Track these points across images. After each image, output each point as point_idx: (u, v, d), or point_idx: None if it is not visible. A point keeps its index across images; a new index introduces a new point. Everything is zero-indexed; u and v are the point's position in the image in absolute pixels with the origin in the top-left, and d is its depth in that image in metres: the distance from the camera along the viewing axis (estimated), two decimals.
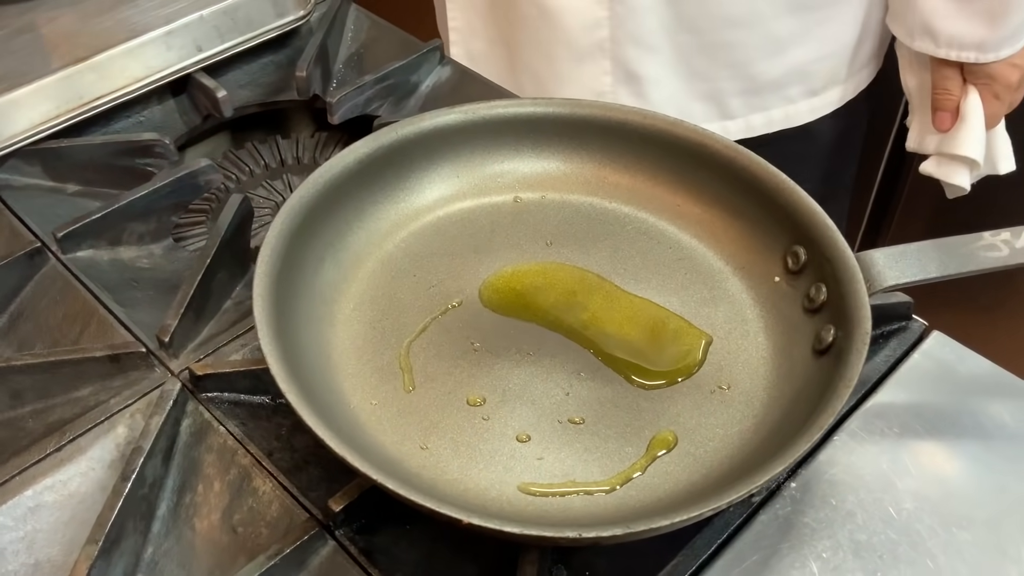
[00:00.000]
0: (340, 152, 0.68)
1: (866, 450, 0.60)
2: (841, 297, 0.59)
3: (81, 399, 0.63)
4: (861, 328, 0.56)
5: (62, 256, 0.72)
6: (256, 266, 0.59)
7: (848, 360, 0.55)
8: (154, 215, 0.76)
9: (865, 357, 0.54)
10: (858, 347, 0.55)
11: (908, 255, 0.60)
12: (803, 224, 0.63)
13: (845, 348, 0.56)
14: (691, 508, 0.48)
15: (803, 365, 0.60)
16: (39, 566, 0.56)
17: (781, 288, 0.65)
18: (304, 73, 0.86)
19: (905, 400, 0.63)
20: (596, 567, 0.55)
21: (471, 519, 0.47)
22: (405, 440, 0.57)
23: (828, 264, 0.61)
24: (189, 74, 0.86)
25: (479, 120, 0.72)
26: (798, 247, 0.64)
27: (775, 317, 0.64)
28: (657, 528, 0.48)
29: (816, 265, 0.62)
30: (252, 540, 0.56)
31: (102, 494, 0.58)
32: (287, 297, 0.60)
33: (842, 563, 0.54)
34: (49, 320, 0.69)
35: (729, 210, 0.68)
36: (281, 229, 0.61)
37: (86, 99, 0.81)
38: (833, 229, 0.61)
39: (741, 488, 0.49)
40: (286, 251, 0.61)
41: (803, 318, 0.62)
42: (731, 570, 0.54)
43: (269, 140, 0.92)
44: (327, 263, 0.65)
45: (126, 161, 0.80)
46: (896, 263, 0.59)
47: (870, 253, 0.60)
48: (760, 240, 0.66)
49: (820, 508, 0.57)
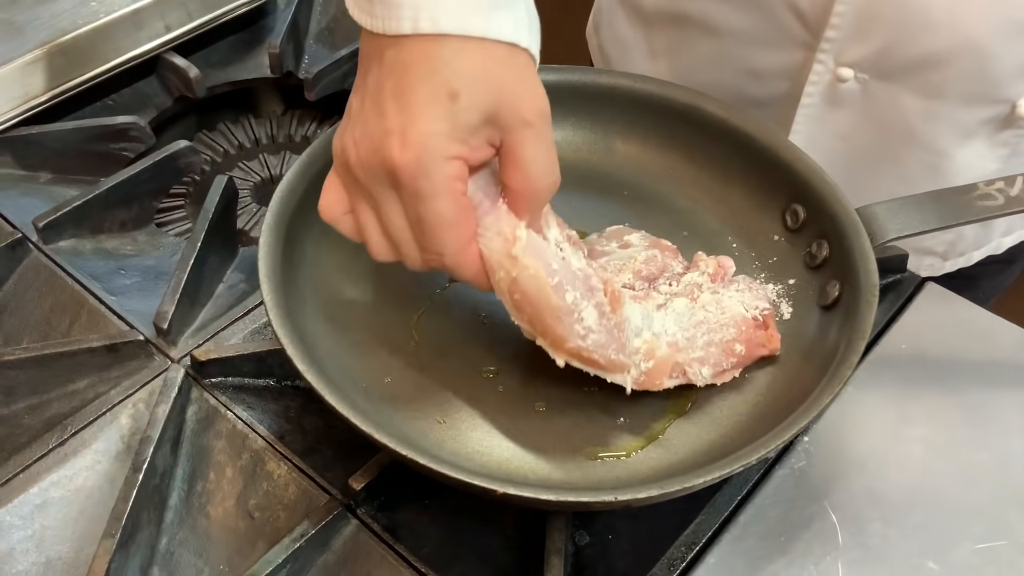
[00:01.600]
0: (330, 129, 0.66)
1: (873, 401, 0.61)
2: (845, 252, 0.59)
3: (78, 392, 0.62)
4: (869, 281, 0.56)
5: (44, 247, 0.69)
6: (259, 249, 0.57)
7: (859, 312, 0.55)
8: (135, 201, 0.74)
9: (875, 308, 0.55)
10: (868, 299, 0.56)
11: (908, 207, 0.60)
12: (801, 182, 0.64)
13: (854, 301, 0.56)
14: (721, 465, 0.48)
15: (810, 321, 0.61)
16: (50, 564, 0.54)
17: (782, 246, 0.65)
18: (277, 50, 0.84)
19: (906, 350, 0.64)
20: (618, 530, 0.56)
21: (506, 489, 0.47)
22: (422, 415, 0.57)
23: (829, 220, 0.61)
24: (159, 55, 0.84)
25: None
26: (796, 205, 0.64)
27: (778, 274, 0.64)
28: (690, 487, 0.48)
29: (816, 222, 0.63)
30: (270, 524, 0.55)
31: (110, 487, 0.57)
32: (291, 280, 0.59)
33: (860, 512, 0.55)
34: (36, 313, 0.66)
35: (725, 171, 0.68)
36: (279, 211, 0.60)
37: (55, 84, 0.79)
38: (833, 185, 0.62)
39: (770, 442, 0.49)
40: (286, 233, 0.60)
41: (806, 275, 0.63)
42: (753, 525, 0.55)
43: (241, 120, 0.90)
44: (325, 243, 0.64)
45: (100, 146, 0.78)
46: (896, 216, 0.60)
47: (870, 207, 0.61)
48: (758, 199, 0.67)
49: (833, 460, 0.58)
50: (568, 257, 0.54)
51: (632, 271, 0.60)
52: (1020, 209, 0.59)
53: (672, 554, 0.53)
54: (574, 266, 0.54)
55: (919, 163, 0.76)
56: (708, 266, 0.61)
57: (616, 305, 0.54)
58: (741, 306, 0.59)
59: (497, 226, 0.52)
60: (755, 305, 0.59)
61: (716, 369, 0.57)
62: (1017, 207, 0.59)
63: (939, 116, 0.72)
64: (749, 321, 0.58)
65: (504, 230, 0.52)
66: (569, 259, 0.54)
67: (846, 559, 0.53)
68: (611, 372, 0.54)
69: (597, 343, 0.53)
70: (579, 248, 0.56)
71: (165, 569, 0.54)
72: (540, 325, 0.53)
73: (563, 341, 0.53)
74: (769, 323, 0.59)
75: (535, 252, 0.52)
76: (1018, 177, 0.60)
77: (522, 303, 0.53)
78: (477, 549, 0.54)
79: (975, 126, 0.73)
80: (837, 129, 0.77)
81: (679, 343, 0.56)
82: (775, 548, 0.54)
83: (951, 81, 0.69)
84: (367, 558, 0.54)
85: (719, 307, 0.58)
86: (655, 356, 0.55)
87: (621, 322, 0.54)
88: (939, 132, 0.73)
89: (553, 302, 0.52)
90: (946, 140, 0.74)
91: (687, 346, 0.56)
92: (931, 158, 0.75)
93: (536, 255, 0.52)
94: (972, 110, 0.71)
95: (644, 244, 0.63)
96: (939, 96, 0.71)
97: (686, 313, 0.58)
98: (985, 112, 0.72)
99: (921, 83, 0.70)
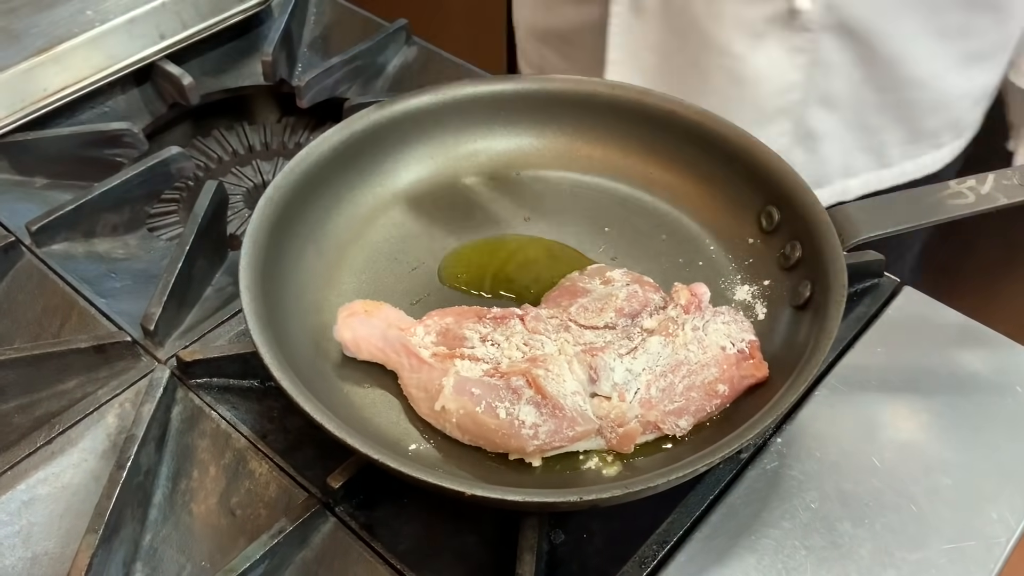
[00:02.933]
0: (313, 141, 0.68)
1: (847, 403, 0.62)
2: (816, 253, 0.60)
3: (67, 391, 0.63)
4: (837, 282, 0.57)
5: (37, 250, 0.71)
6: (240, 259, 0.59)
7: (827, 313, 0.56)
8: (127, 205, 0.75)
9: (843, 310, 0.56)
10: (836, 300, 0.56)
11: (879, 207, 0.61)
12: (775, 184, 0.65)
13: (823, 302, 0.57)
14: (686, 465, 0.49)
15: (783, 321, 0.62)
16: (37, 559, 0.55)
17: (757, 248, 0.66)
18: (270, 58, 0.86)
19: (881, 354, 0.65)
20: (592, 529, 0.56)
21: (474, 491, 0.48)
22: (401, 419, 0.58)
23: (802, 221, 0.62)
24: (153, 62, 0.86)
25: (450, 100, 0.72)
26: (771, 207, 0.65)
27: (753, 276, 0.65)
28: (654, 487, 0.49)
29: (790, 223, 0.64)
30: (252, 521, 0.57)
31: (96, 484, 0.58)
32: (273, 288, 0.60)
33: (830, 512, 0.56)
34: (27, 314, 0.68)
35: (701, 175, 0.70)
36: (261, 220, 0.61)
37: (50, 91, 0.80)
38: (805, 187, 0.63)
39: (733, 443, 0.50)
40: (268, 242, 0.61)
41: (780, 275, 0.64)
42: (724, 524, 0.56)
43: (236, 127, 0.91)
44: (309, 252, 0.65)
45: (94, 152, 0.80)
46: (869, 216, 0.61)
47: (842, 208, 0.62)
48: (734, 202, 0.68)
49: (806, 461, 0.59)
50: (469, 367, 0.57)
51: (614, 309, 0.61)
52: (991, 207, 0.59)
53: (644, 552, 0.54)
54: (483, 376, 0.56)
55: (721, 71, 0.81)
56: (681, 297, 0.61)
57: (542, 389, 0.55)
58: (727, 339, 0.59)
59: (420, 384, 0.57)
60: (741, 338, 0.59)
61: (698, 416, 0.57)
62: (988, 204, 0.60)
63: (723, 14, 0.78)
64: (732, 358, 0.58)
65: (429, 386, 0.57)
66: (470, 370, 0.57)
67: (815, 558, 0.54)
68: (583, 440, 0.55)
69: (552, 432, 0.54)
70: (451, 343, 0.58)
71: (148, 564, 0.55)
72: (497, 446, 0.55)
73: (522, 449, 0.55)
74: (755, 353, 0.59)
75: (457, 392, 0.55)
76: (989, 175, 0.60)
77: (473, 438, 0.56)
78: (453, 547, 0.55)
79: (761, 25, 0.78)
80: (645, 39, 0.83)
81: (652, 399, 0.56)
82: (745, 546, 0.55)
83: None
84: (345, 555, 0.55)
85: (700, 346, 0.58)
86: (625, 421, 0.56)
87: (558, 401, 0.55)
88: (729, 33, 0.79)
89: (492, 426, 0.54)
90: (738, 41, 0.78)
91: (662, 398, 0.56)
92: (729, 62, 0.81)
93: (457, 394, 0.55)
94: (751, 6, 0.77)
95: (625, 280, 0.63)
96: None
97: (662, 353, 0.58)
98: (764, 7, 0.77)
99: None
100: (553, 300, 0.63)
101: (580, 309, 0.61)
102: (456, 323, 0.60)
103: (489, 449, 0.56)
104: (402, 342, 0.59)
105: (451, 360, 0.57)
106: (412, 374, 0.58)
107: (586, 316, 0.61)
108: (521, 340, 0.58)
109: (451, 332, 0.59)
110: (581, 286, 0.64)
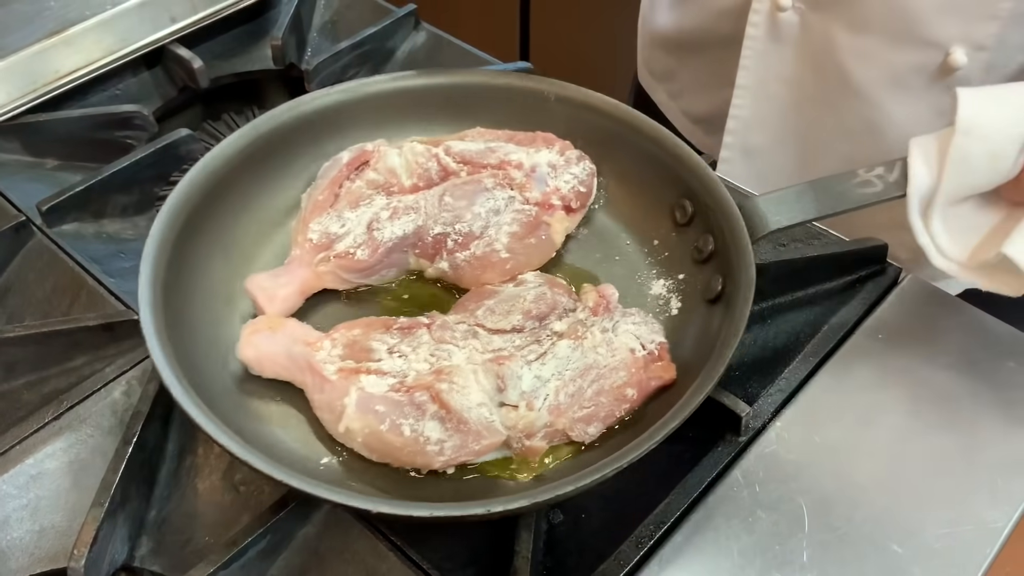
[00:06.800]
0: (219, 144, 0.65)
1: (847, 388, 0.62)
2: (726, 246, 0.60)
3: (75, 369, 0.64)
4: (746, 275, 0.57)
5: (47, 230, 0.72)
6: (140, 270, 0.57)
7: (735, 308, 0.56)
8: (136, 186, 0.76)
9: (751, 303, 0.55)
10: (744, 295, 0.56)
11: (787, 199, 0.60)
12: (686, 177, 0.64)
13: (733, 296, 0.57)
14: (595, 471, 0.49)
15: (697, 314, 0.61)
16: (44, 532, 0.56)
17: (672, 241, 0.66)
18: (279, 42, 0.86)
19: (882, 340, 0.65)
20: (590, 509, 0.57)
21: (380, 508, 0.48)
22: (311, 433, 0.57)
23: (713, 214, 0.62)
24: (164, 45, 0.86)
25: (362, 97, 0.70)
26: (685, 200, 0.65)
27: (668, 270, 0.65)
28: (563, 494, 0.48)
29: (703, 216, 0.63)
30: (255, 497, 0.57)
31: (102, 460, 0.59)
32: (177, 299, 0.58)
33: (827, 495, 0.57)
34: (37, 293, 0.69)
35: (616, 169, 0.69)
36: (164, 229, 0.59)
37: (62, 73, 0.81)
38: (715, 179, 0.63)
39: (642, 445, 0.49)
40: (171, 251, 0.59)
41: (694, 269, 0.64)
42: (722, 506, 0.56)
43: (245, 111, 0.92)
44: (216, 260, 0.63)
45: (105, 134, 0.80)
46: (778, 207, 0.60)
47: (752, 200, 0.61)
48: (647, 196, 0.68)
49: (804, 445, 0.59)
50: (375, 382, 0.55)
51: (521, 311, 0.60)
52: (899, 195, 0.58)
53: (640, 532, 0.55)
54: (386, 392, 0.55)
55: (857, 116, 0.76)
56: (589, 299, 0.61)
57: (446, 404, 0.54)
58: (637, 341, 0.58)
59: (327, 403, 0.55)
60: (651, 339, 0.59)
61: (607, 422, 0.56)
62: (896, 193, 0.58)
63: (868, 55, 0.72)
64: (640, 361, 0.57)
65: (333, 406, 0.55)
66: (376, 385, 0.55)
67: (812, 541, 0.55)
68: (490, 452, 0.55)
69: (458, 447, 0.54)
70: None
71: (153, 538, 0.56)
72: (404, 463, 0.55)
73: (428, 465, 0.54)
74: (664, 355, 0.58)
75: (360, 411, 0.54)
76: (897, 162, 0.59)
77: (380, 456, 0.55)
78: (452, 524, 0.56)
79: (907, 73, 0.72)
80: (781, 68, 0.78)
81: (560, 405, 0.56)
82: (742, 528, 0.55)
83: (875, 12, 0.70)
84: (346, 532, 0.55)
85: (609, 348, 0.58)
86: (534, 431, 0.55)
87: (462, 415, 0.54)
88: (871, 77, 0.73)
89: (398, 444, 0.54)
90: (879, 88, 0.73)
91: (571, 404, 0.56)
92: (867, 110, 0.75)
93: (361, 413, 0.54)
94: (900, 51, 0.71)
95: (537, 282, 0.63)
96: (865, 30, 0.71)
97: (571, 357, 0.57)
98: (914, 55, 0.71)
99: (849, 15, 0.71)
100: (462, 306, 0.62)
101: (487, 312, 0.60)
102: (363, 335, 0.58)
103: (397, 466, 0.55)
104: (307, 359, 0.57)
105: (356, 376, 0.55)
106: (316, 394, 0.56)
107: (492, 319, 0.60)
108: (428, 351, 0.57)
109: (358, 344, 0.58)
110: (491, 288, 0.63)
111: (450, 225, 0.64)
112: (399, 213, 0.64)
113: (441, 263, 0.65)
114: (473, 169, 0.67)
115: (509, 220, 0.65)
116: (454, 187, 0.66)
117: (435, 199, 0.65)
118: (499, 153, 0.67)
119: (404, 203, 0.65)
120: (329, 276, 0.64)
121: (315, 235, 0.63)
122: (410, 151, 0.67)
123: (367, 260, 0.63)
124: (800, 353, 0.64)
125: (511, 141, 0.69)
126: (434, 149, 0.67)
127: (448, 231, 0.64)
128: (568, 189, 0.66)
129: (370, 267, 0.64)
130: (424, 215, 0.65)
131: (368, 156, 0.67)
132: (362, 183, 0.66)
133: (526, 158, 0.67)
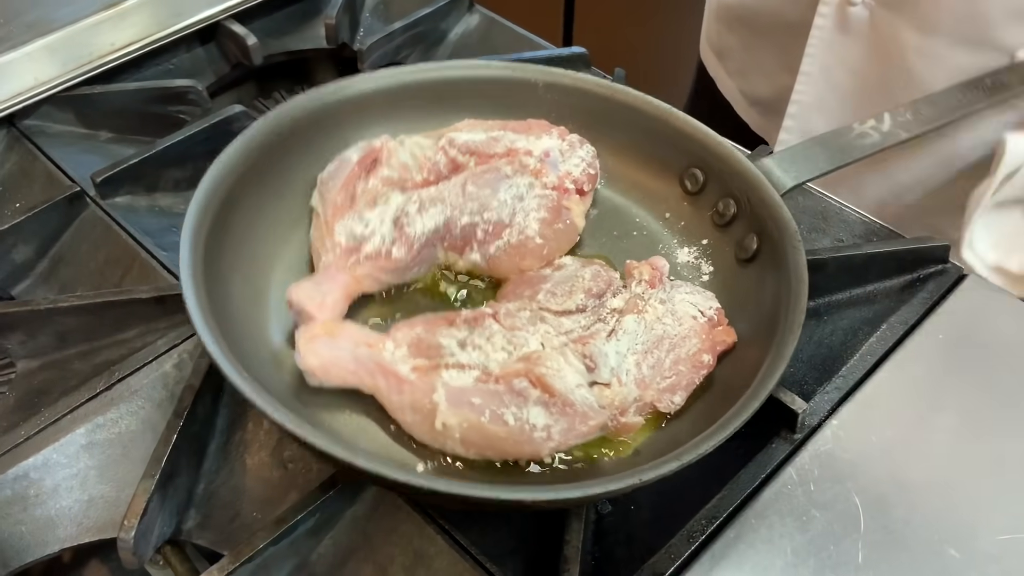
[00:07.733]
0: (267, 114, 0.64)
1: (904, 388, 0.61)
2: (756, 205, 0.61)
3: (127, 340, 0.64)
4: (789, 228, 0.58)
5: (101, 201, 0.72)
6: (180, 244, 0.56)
7: (787, 262, 0.57)
8: (190, 161, 0.76)
9: (803, 252, 0.57)
10: (793, 245, 0.57)
11: (797, 156, 0.64)
12: (695, 147, 0.66)
13: (779, 250, 0.58)
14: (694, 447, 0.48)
15: (731, 275, 0.63)
16: (93, 502, 0.57)
17: (687, 210, 0.67)
18: (333, 21, 0.86)
19: (942, 340, 0.64)
20: (640, 501, 0.56)
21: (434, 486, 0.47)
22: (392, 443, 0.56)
23: (731, 178, 0.63)
24: (218, 21, 0.86)
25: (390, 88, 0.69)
26: (694, 169, 0.66)
27: (689, 237, 0.66)
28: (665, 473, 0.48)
29: (717, 181, 0.65)
30: (303, 475, 0.57)
31: (152, 432, 0.59)
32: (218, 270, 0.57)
33: (883, 496, 0.56)
34: (90, 264, 0.69)
35: (617, 147, 0.70)
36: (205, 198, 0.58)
37: (117, 46, 0.81)
38: (728, 146, 0.64)
39: (742, 414, 0.49)
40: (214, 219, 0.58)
41: (717, 233, 0.65)
42: (775, 503, 0.55)
43: (296, 89, 0.92)
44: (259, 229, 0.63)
45: (158, 108, 0.80)
46: (790, 165, 0.63)
47: (762, 162, 0.63)
48: (651, 170, 0.69)
49: (860, 444, 0.58)
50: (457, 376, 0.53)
51: (583, 290, 0.60)
52: (897, 142, 0.62)
53: (692, 527, 0.54)
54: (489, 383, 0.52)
55: None
56: (643, 273, 0.60)
57: (549, 388, 0.52)
58: (695, 308, 0.58)
59: (411, 403, 0.53)
60: (708, 305, 0.59)
61: (688, 389, 0.56)
62: (893, 140, 0.63)
63: (935, 55, 0.73)
64: (706, 326, 0.58)
65: (419, 405, 0.53)
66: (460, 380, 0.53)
67: (867, 541, 0.54)
68: (595, 433, 0.54)
69: (565, 431, 0.52)
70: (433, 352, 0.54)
71: (200, 512, 0.56)
72: (507, 454, 0.52)
73: (536, 454, 0.52)
74: (722, 319, 0.59)
75: (454, 405, 0.51)
76: (885, 115, 0.64)
77: (480, 450, 0.52)
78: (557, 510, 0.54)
79: (971, 74, 0.73)
80: (846, 58, 0.79)
81: (645, 378, 0.55)
82: (796, 527, 0.54)
83: (944, 14, 0.70)
84: (394, 514, 0.55)
85: (675, 318, 0.57)
86: (626, 406, 0.54)
87: (567, 397, 0.52)
88: (935, 75, 0.74)
89: (502, 434, 0.51)
90: (942, 87, 0.73)
91: (653, 375, 0.55)
92: None
93: (455, 407, 0.51)
94: (967, 53, 0.72)
95: (577, 264, 0.63)
96: (934, 30, 0.72)
97: (639, 331, 0.57)
98: (980, 58, 0.72)
99: (918, 15, 0.71)
100: (513, 294, 0.61)
101: (547, 295, 0.59)
102: (427, 332, 0.56)
103: (497, 459, 0.53)
104: (376, 361, 0.54)
105: (436, 372, 0.53)
106: (395, 396, 0.53)
107: (556, 302, 0.59)
108: (502, 340, 0.55)
109: (424, 342, 0.55)
110: (535, 274, 0.63)
111: (478, 214, 0.63)
112: (426, 206, 0.63)
113: (472, 255, 0.63)
114: (481, 159, 0.66)
115: (535, 206, 0.64)
116: (474, 176, 0.65)
117: (458, 189, 0.64)
118: (504, 141, 0.67)
119: (428, 196, 0.64)
120: (367, 279, 0.62)
121: (343, 238, 0.62)
122: (417, 145, 0.66)
123: (404, 258, 0.62)
124: (858, 351, 0.63)
125: (506, 130, 0.68)
126: (440, 141, 0.66)
127: (477, 220, 0.63)
128: (579, 172, 0.66)
129: (407, 265, 0.62)
130: (450, 206, 0.63)
131: (377, 153, 0.65)
132: (377, 181, 0.64)
133: (532, 145, 0.66)
